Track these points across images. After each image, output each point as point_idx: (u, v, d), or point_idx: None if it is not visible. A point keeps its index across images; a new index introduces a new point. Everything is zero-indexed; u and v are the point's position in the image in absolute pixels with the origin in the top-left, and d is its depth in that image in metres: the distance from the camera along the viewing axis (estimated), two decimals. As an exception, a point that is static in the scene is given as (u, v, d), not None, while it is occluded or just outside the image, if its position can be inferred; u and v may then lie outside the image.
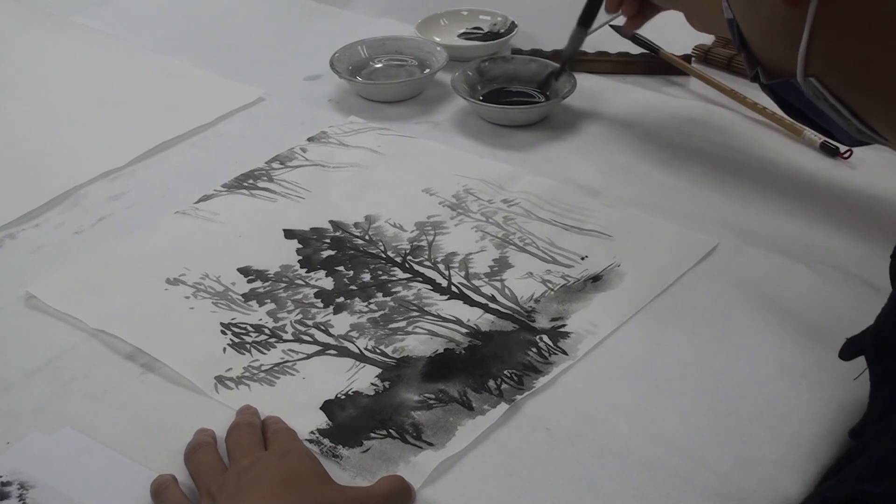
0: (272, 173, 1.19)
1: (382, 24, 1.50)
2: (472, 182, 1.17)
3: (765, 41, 0.68)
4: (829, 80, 0.64)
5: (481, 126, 1.27)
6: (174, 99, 1.36)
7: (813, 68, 0.64)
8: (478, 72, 1.32)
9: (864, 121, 0.65)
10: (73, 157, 1.25)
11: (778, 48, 0.66)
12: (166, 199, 1.16)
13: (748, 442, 0.84)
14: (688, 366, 0.92)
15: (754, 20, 0.68)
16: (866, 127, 0.65)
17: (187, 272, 1.05)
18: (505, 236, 1.08)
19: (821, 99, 0.65)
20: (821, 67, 0.63)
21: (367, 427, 0.87)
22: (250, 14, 1.60)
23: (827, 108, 0.65)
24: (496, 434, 0.86)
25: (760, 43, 0.69)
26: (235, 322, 0.99)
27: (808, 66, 0.64)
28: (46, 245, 1.10)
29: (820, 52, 0.63)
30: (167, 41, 1.51)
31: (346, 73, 1.35)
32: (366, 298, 1.01)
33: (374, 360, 0.94)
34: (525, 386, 0.90)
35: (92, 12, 1.59)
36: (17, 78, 1.44)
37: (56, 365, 0.95)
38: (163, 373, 0.93)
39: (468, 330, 0.96)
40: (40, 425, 0.88)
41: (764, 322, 0.95)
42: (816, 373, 0.89)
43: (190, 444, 0.85)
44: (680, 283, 1.01)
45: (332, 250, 1.07)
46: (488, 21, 1.47)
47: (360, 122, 1.29)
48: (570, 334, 0.95)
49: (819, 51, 0.63)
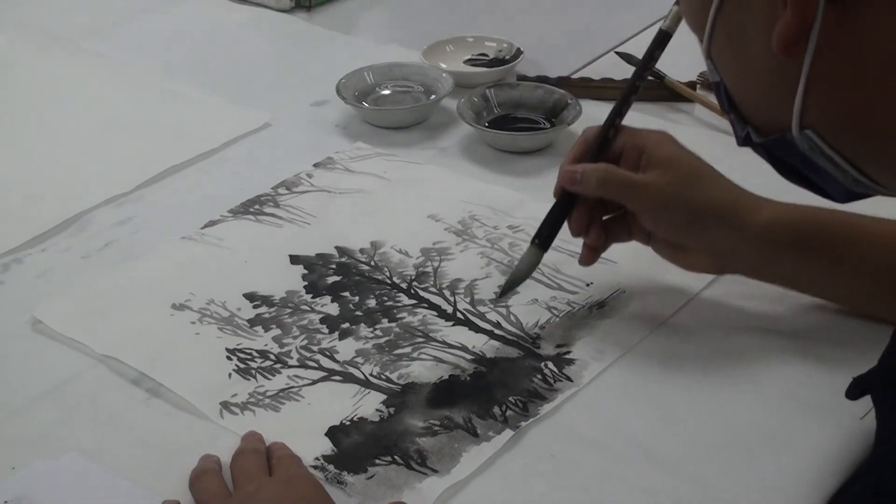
0: (278, 199, 1.20)
1: (389, 51, 1.50)
2: (477, 208, 1.17)
3: (756, 98, 0.68)
4: (824, 130, 0.63)
5: (487, 152, 1.28)
6: (181, 124, 1.36)
7: (808, 120, 0.63)
8: (483, 98, 1.32)
9: (861, 170, 0.64)
10: (79, 181, 1.25)
11: (771, 103, 0.65)
12: (172, 225, 1.16)
13: (754, 470, 0.84)
14: (693, 393, 0.92)
15: (745, 78, 0.67)
16: (864, 176, 0.65)
17: (193, 297, 1.05)
18: (510, 263, 1.08)
19: (817, 151, 0.64)
20: (816, 118, 0.63)
21: (372, 453, 0.87)
22: (257, 40, 1.61)
23: (823, 160, 0.65)
24: (501, 461, 0.86)
25: (752, 100, 0.68)
26: (241, 348, 0.99)
27: (804, 118, 0.63)
28: (53, 270, 1.10)
29: (815, 103, 0.62)
30: (174, 66, 1.51)
31: (353, 99, 1.35)
32: (371, 324, 1.01)
33: (379, 387, 0.94)
34: (530, 412, 0.90)
35: (99, 37, 1.60)
36: (25, 103, 1.44)
37: (62, 390, 0.95)
38: (168, 398, 0.93)
39: (473, 356, 0.96)
40: (46, 450, 0.88)
41: (769, 349, 0.95)
42: (822, 401, 0.89)
43: (195, 469, 0.85)
44: (685, 311, 1.01)
45: (338, 276, 1.08)
46: (494, 47, 1.48)
47: (366, 147, 1.29)
48: (575, 361, 0.95)
49: (815, 101, 0.62)
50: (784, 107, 0.63)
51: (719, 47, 0.67)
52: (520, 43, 1.45)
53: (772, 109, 0.66)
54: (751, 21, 0.63)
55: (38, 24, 1.64)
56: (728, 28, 0.65)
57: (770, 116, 0.66)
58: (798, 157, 0.66)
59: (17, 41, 1.59)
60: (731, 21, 0.65)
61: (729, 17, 0.65)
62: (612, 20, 1.59)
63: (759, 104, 0.68)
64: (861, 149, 0.63)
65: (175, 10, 1.69)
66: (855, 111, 0.61)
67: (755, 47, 0.63)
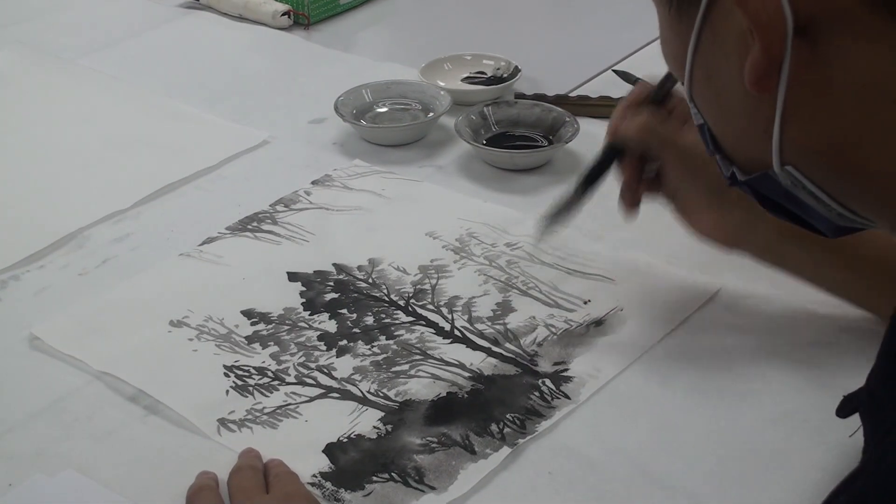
0: (276, 216, 1.20)
1: (386, 69, 1.51)
2: (475, 226, 1.17)
3: (737, 137, 0.68)
4: (805, 166, 0.63)
5: (485, 170, 1.28)
6: (179, 141, 1.37)
7: (788, 156, 0.63)
8: (481, 116, 1.33)
9: (843, 204, 0.64)
10: (77, 198, 1.25)
11: (751, 142, 0.65)
12: (170, 242, 1.17)
13: (751, 487, 0.84)
14: (690, 410, 0.92)
15: (725, 117, 0.67)
16: (847, 210, 0.65)
17: (191, 314, 1.05)
18: (508, 280, 1.08)
19: (799, 187, 0.64)
20: (796, 154, 0.63)
21: (370, 470, 0.87)
22: (256, 57, 1.61)
23: (806, 195, 0.65)
24: (498, 478, 0.86)
25: (733, 140, 0.68)
26: (238, 364, 0.99)
27: (784, 155, 0.63)
28: (50, 286, 1.10)
29: (793, 139, 0.62)
30: (172, 84, 1.52)
31: (351, 117, 1.35)
32: (369, 342, 1.01)
33: (376, 404, 0.94)
34: (527, 430, 0.90)
35: (98, 55, 1.60)
36: (23, 120, 1.45)
37: (59, 406, 0.95)
38: (165, 415, 0.93)
39: (471, 374, 0.97)
40: (43, 467, 0.88)
41: (767, 367, 0.95)
42: (820, 418, 0.89)
43: (192, 487, 0.85)
44: (682, 328, 1.01)
45: (336, 293, 1.08)
46: (492, 65, 1.48)
47: (364, 165, 1.30)
48: (572, 378, 0.95)
49: (792, 137, 0.62)
50: (763, 145, 0.63)
51: (699, 89, 0.67)
52: (518, 61, 1.46)
53: (753, 148, 0.65)
54: (725, 61, 0.63)
55: (37, 42, 1.65)
56: (706, 69, 0.65)
57: (752, 155, 0.66)
58: (782, 194, 0.66)
59: (17, 58, 1.59)
60: (707, 62, 0.65)
61: (705, 57, 0.65)
62: (609, 38, 1.60)
63: (741, 143, 0.68)
64: (842, 183, 0.63)
65: (174, 29, 1.70)
66: (832, 145, 0.61)
67: (731, 86, 0.63)
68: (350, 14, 1.72)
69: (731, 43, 0.61)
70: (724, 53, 0.62)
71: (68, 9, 1.77)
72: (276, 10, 1.66)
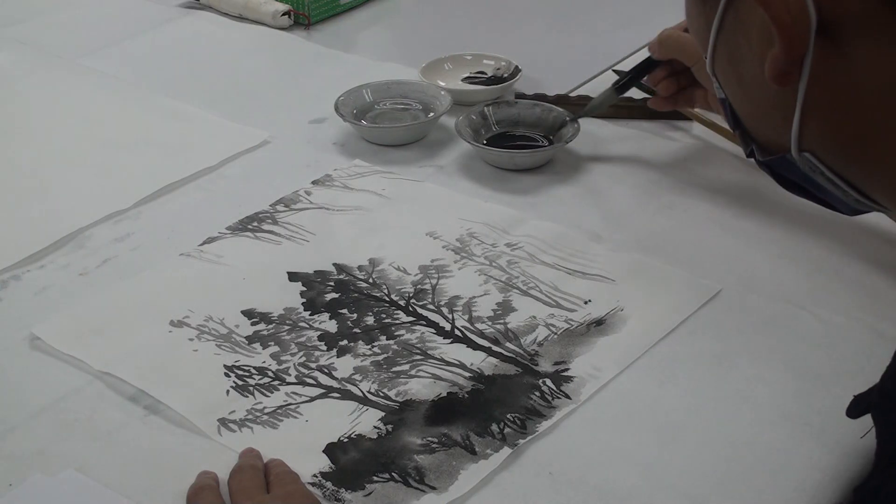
0: (277, 216, 1.20)
1: (387, 69, 1.51)
2: (475, 226, 1.17)
3: (757, 119, 0.68)
4: (823, 154, 0.63)
5: (485, 170, 1.28)
6: (179, 141, 1.37)
7: (807, 144, 0.63)
8: (482, 116, 1.33)
9: (861, 191, 0.65)
10: (78, 198, 1.25)
11: (771, 126, 0.66)
12: (171, 242, 1.17)
13: (751, 488, 0.84)
14: (691, 411, 0.92)
15: (746, 100, 0.67)
16: (864, 197, 0.65)
17: (191, 314, 1.05)
18: (508, 280, 1.08)
19: (817, 173, 0.65)
20: (815, 143, 0.63)
21: (370, 470, 0.87)
22: (256, 57, 1.61)
23: (824, 181, 0.65)
24: (499, 478, 0.86)
25: (753, 121, 0.69)
26: (239, 364, 0.99)
27: (802, 142, 0.63)
28: (51, 286, 1.10)
29: (813, 128, 0.62)
30: (173, 84, 1.52)
31: (351, 117, 1.35)
32: (369, 342, 1.01)
33: (377, 404, 0.94)
34: (528, 430, 0.90)
35: (99, 55, 1.60)
36: (24, 120, 1.45)
37: (59, 406, 0.95)
38: (166, 415, 0.93)
39: (471, 374, 0.97)
40: (43, 467, 0.88)
41: (767, 368, 0.95)
42: (820, 420, 0.89)
43: (192, 486, 0.85)
44: (683, 328, 1.01)
45: (336, 293, 1.08)
46: (492, 65, 1.48)
47: (364, 165, 1.30)
48: (573, 378, 0.95)
49: (812, 127, 0.62)
50: (783, 130, 0.64)
51: (721, 67, 0.68)
52: (518, 61, 1.46)
53: (772, 131, 0.66)
54: (747, 47, 0.63)
55: (37, 42, 1.65)
56: (728, 50, 0.66)
57: (771, 137, 0.67)
58: (800, 176, 0.67)
59: (17, 58, 1.60)
60: (730, 43, 0.65)
61: (728, 39, 0.65)
62: (609, 38, 1.60)
63: (760, 125, 0.68)
64: (860, 173, 0.63)
65: (174, 28, 1.70)
66: (851, 139, 0.61)
67: (753, 72, 0.63)
68: (350, 14, 1.72)
69: (754, 32, 0.62)
70: (746, 39, 0.63)
71: (68, 9, 1.78)
72: (277, 10, 1.66)
